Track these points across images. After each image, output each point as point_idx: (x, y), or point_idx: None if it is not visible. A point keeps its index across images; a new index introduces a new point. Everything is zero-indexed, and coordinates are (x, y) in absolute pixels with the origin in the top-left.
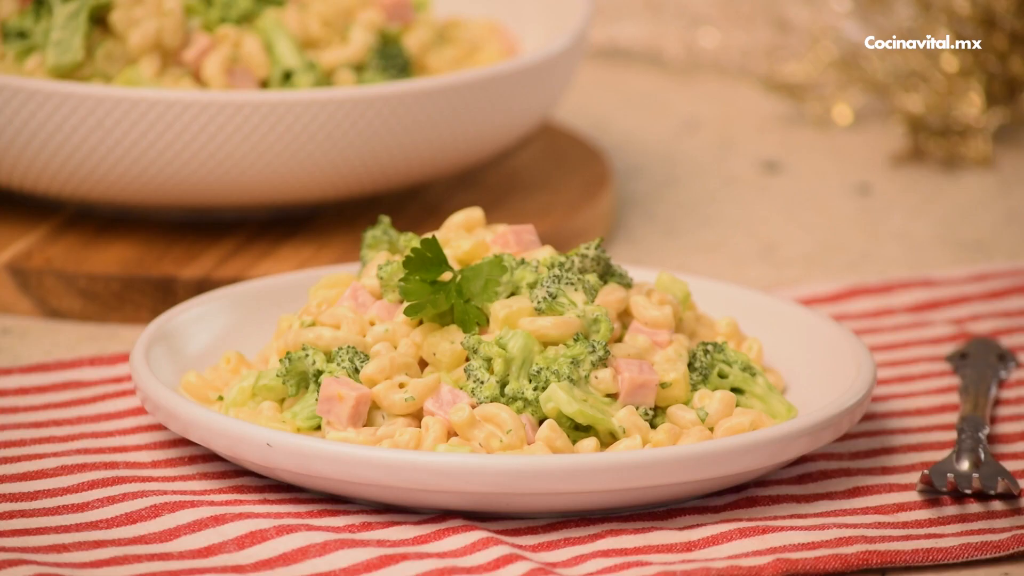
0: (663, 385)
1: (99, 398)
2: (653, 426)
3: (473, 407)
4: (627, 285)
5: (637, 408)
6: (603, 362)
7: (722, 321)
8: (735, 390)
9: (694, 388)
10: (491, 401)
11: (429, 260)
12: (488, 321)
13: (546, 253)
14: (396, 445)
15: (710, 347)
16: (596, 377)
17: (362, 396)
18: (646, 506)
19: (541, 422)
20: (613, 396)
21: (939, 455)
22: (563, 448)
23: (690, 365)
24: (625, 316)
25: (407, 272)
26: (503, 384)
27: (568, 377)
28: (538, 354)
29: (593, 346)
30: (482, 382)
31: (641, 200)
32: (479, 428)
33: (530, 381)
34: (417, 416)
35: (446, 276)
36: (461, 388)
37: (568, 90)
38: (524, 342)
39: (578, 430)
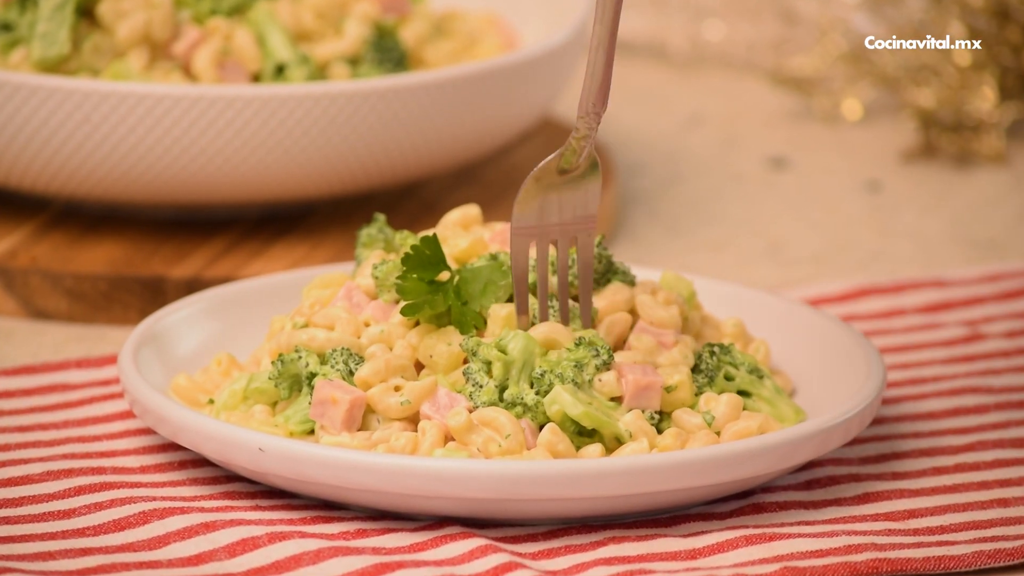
0: (668, 388)
1: (86, 401)
2: (659, 431)
3: (471, 411)
4: (630, 283)
5: (643, 412)
6: (606, 366)
7: (728, 322)
8: (742, 393)
9: (699, 391)
10: (489, 405)
11: (428, 259)
12: (485, 323)
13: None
14: (391, 450)
15: (716, 348)
16: (600, 380)
17: (356, 400)
18: (649, 512)
19: (541, 427)
20: (617, 400)
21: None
22: (566, 453)
23: (696, 367)
24: (631, 314)
25: (405, 270)
26: (502, 388)
27: (572, 380)
28: (539, 356)
29: (597, 350)
30: (481, 386)
31: (644, 197)
32: (477, 433)
33: (532, 385)
34: (413, 420)
35: (444, 276)
36: (459, 392)
37: (569, 84)
38: (525, 344)
39: (582, 435)
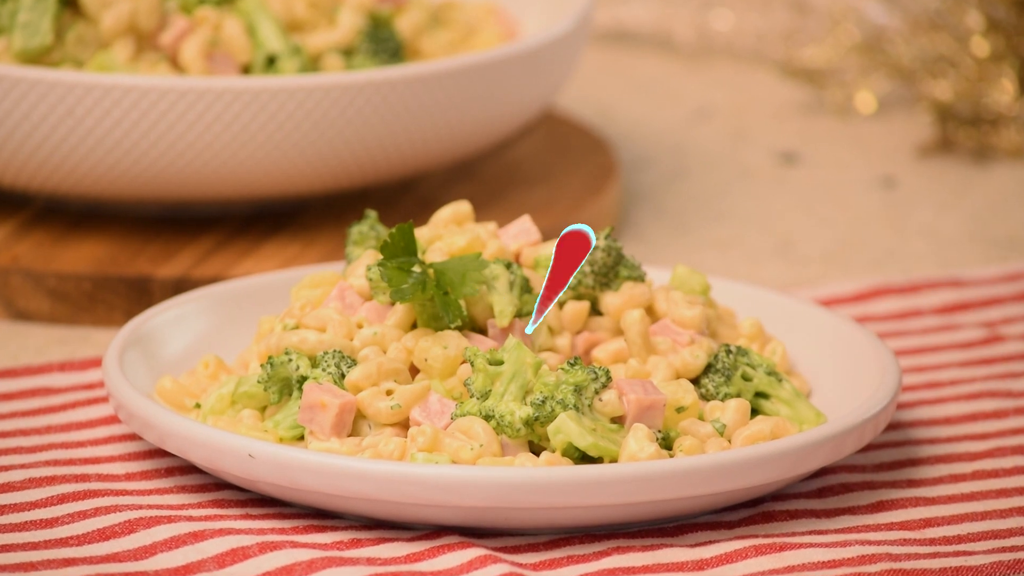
0: (678, 409)
1: (69, 406)
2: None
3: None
4: (639, 278)
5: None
6: (605, 387)
7: (746, 322)
8: (760, 394)
9: (716, 391)
10: (466, 415)
11: (403, 249)
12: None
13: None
14: (378, 455)
15: (733, 349)
16: (600, 400)
17: (346, 404)
18: (655, 521)
19: (530, 445)
20: (619, 420)
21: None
22: None
23: (712, 366)
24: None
25: (383, 258)
26: (484, 398)
27: (574, 406)
28: (531, 369)
29: (595, 372)
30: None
31: (649, 194)
32: (452, 438)
33: (537, 417)
34: (405, 426)
35: (416, 266)
36: (455, 398)
37: (571, 76)
38: (517, 355)
39: (584, 460)
